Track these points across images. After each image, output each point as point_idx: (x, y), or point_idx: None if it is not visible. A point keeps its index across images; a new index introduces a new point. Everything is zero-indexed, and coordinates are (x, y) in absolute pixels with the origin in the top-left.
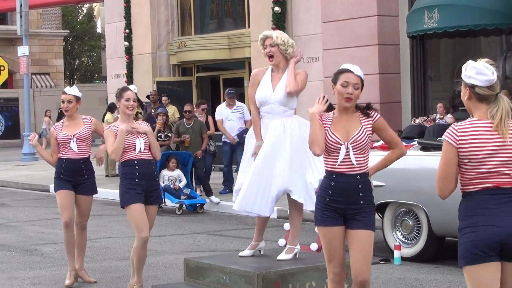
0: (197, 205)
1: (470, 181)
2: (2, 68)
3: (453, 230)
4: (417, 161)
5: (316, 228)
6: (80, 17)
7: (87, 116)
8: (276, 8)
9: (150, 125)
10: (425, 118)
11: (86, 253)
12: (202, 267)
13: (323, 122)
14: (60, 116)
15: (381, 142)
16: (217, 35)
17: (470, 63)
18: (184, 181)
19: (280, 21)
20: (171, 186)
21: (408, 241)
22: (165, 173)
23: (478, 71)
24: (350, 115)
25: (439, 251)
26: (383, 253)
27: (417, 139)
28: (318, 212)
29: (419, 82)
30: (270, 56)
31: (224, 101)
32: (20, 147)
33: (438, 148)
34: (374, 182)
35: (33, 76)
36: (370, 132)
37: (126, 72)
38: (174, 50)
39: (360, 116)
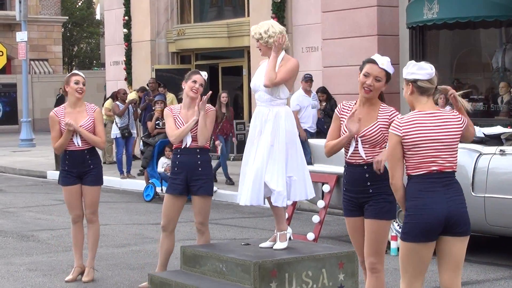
0: None
1: (416, 165)
2: (0, 53)
3: None
4: None
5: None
6: (79, 4)
7: (91, 104)
8: None
9: (149, 113)
10: None
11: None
12: (198, 255)
13: (342, 113)
14: (58, 102)
15: None
16: (217, 23)
17: (411, 62)
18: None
19: (279, 10)
20: (162, 170)
21: None
22: (164, 160)
23: (419, 67)
24: (370, 107)
25: None
26: None
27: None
28: (343, 203)
29: None
30: (260, 49)
31: (300, 88)
32: (18, 133)
33: None
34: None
35: (32, 62)
36: (385, 128)
37: (124, 59)
38: (173, 37)
39: (380, 110)
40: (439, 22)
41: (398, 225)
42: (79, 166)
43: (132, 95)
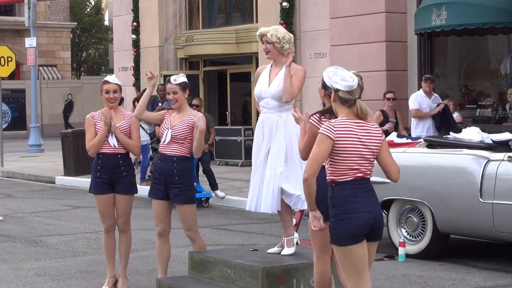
0: (203, 199)
1: (343, 171)
2: (9, 59)
3: (458, 227)
4: (423, 158)
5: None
6: (88, 10)
7: (129, 112)
8: (284, 3)
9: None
10: None
11: (92, 245)
12: (206, 261)
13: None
14: (67, 108)
15: (387, 139)
16: (225, 29)
17: (334, 71)
18: None
19: (288, 17)
20: None
21: (413, 238)
22: None
23: (342, 78)
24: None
25: (444, 249)
26: (387, 249)
27: (423, 137)
28: None
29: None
30: (267, 52)
31: (420, 89)
32: (26, 138)
33: (444, 145)
34: (379, 179)
35: (40, 68)
36: None
37: (133, 65)
38: (181, 43)
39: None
40: (448, 28)
41: (406, 232)
42: (112, 172)
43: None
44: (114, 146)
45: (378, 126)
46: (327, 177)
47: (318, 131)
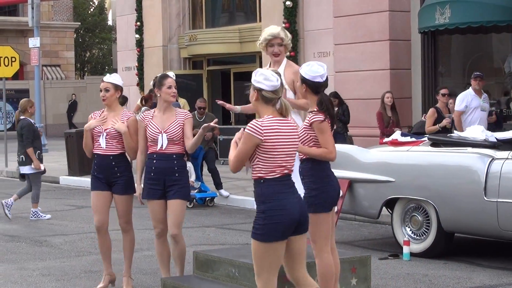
0: (207, 198)
1: (272, 168)
2: (13, 59)
3: (462, 226)
4: (427, 157)
5: None
6: (92, 9)
7: (128, 112)
8: (288, 2)
9: None
10: None
11: (96, 245)
12: (211, 260)
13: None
14: (71, 108)
15: (391, 138)
16: (228, 28)
17: (259, 70)
18: (193, 175)
19: (291, 16)
20: None
21: (417, 237)
22: None
23: (265, 78)
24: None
25: (448, 247)
26: (392, 248)
27: (427, 135)
28: None
29: (430, 78)
30: (278, 55)
31: (470, 88)
32: None
33: (448, 144)
34: (383, 178)
35: (44, 68)
36: (308, 128)
37: (137, 64)
38: (185, 43)
39: (309, 115)
40: (451, 27)
41: (410, 230)
42: (106, 172)
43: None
44: (103, 147)
45: (295, 121)
46: (255, 175)
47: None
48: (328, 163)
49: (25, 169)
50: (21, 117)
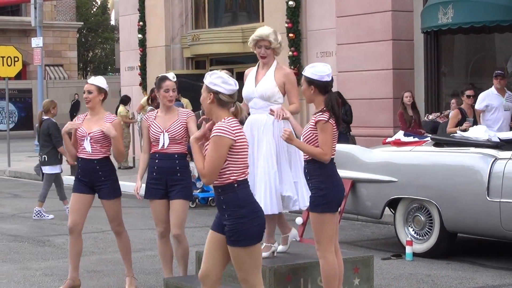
0: (210, 198)
1: (242, 170)
2: (16, 59)
3: (465, 226)
4: (430, 157)
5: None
6: (94, 9)
7: (112, 115)
8: (291, 2)
9: None
10: (438, 114)
11: (99, 245)
12: None
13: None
14: (73, 108)
15: (393, 138)
16: (231, 28)
17: (215, 72)
18: (196, 174)
19: (294, 15)
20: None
21: (420, 237)
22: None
23: (224, 81)
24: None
25: (451, 247)
26: (394, 248)
27: (430, 135)
28: None
29: (432, 78)
30: (265, 57)
31: (492, 85)
32: (33, 138)
33: (451, 144)
34: (386, 178)
35: (47, 68)
36: (313, 127)
37: (139, 64)
38: (188, 43)
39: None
40: (454, 26)
41: (413, 230)
42: (90, 176)
43: (145, 100)
44: (89, 151)
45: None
46: (225, 180)
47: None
48: (335, 163)
49: (46, 169)
50: (44, 117)
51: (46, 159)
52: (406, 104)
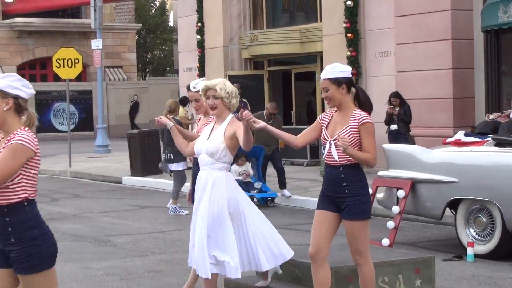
0: (268, 198)
1: (34, 188)
2: (76, 61)
3: None
4: (491, 157)
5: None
6: (153, 11)
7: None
8: (348, 2)
9: None
10: (499, 114)
11: (160, 245)
12: None
13: (323, 119)
14: (133, 109)
15: (454, 138)
16: (289, 29)
17: (10, 74)
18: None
19: (352, 15)
20: (241, 178)
21: (482, 238)
22: (234, 168)
23: (24, 84)
24: (343, 113)
25: None
26: (456, 249)
27: (491, 135)
28: (319, 197)
29: (493, 77)
30: (214, 108)
31: None
32: (93, 139)
33: None
34: (447, 178)
35: (106, 69)
36: (355, 131)
37: (198, 65)
38: (246, 44)
39: (352, 115)
40: None
41: (474, 231)
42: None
43: None
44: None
45: None
46: (14, 197)
47: (319, 123)
48: None
49: (172, 166)
50: (169, 117)
51: (172, 157)
52: None
